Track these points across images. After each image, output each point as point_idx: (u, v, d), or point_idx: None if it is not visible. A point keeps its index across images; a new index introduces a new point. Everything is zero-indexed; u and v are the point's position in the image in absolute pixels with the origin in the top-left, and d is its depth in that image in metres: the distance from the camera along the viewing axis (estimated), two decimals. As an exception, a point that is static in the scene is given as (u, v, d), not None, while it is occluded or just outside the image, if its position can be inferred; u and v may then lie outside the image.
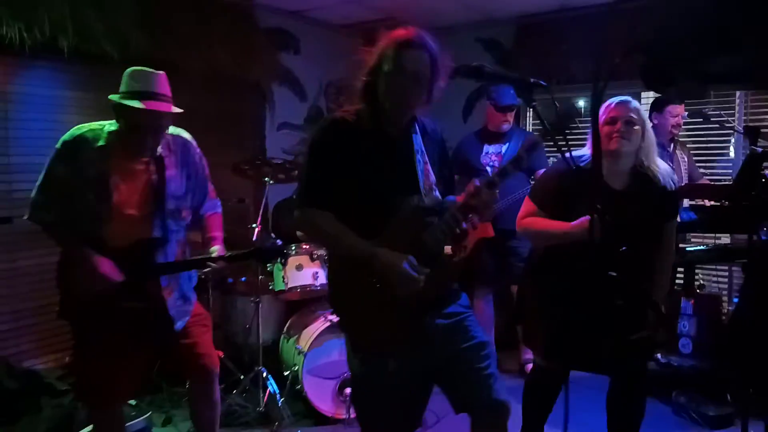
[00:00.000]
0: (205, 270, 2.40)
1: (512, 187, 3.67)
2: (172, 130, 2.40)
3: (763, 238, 2.54)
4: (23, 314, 3.36)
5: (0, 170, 3.27)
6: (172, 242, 2.39)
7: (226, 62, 4.19)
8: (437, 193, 1.93)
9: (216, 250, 2.45)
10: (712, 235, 3.98)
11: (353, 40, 5.61)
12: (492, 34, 5.27)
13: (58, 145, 2.28)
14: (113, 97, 2.25)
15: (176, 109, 2.28)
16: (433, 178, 1.94)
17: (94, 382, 2.34)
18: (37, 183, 2.29)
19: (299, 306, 3.84)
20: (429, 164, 1.96)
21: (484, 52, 5.25)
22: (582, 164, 2.31)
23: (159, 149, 2.33)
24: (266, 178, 3.45)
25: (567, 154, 1.84)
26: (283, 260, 3.48)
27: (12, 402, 2.97)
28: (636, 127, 2.33)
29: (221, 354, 3.11)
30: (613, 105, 2.37)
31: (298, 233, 3.13)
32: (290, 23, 4.94)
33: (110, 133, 2.29)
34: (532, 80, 1.82)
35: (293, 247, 3.53)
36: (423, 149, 1.96)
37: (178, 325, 2.39)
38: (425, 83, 1.88)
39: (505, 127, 4.02)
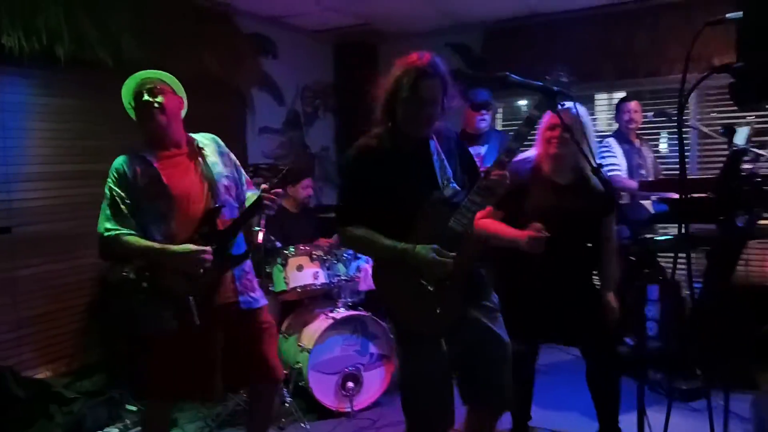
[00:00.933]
0: (262, 209, 2.51)
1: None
2: (199, 135, 2.59)
3: (740, 225, 2.83)
4: (24, 323, 3.36)
5: (-1, 180, 3.26)
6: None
7: (213, 67, 4.26)
8: (454, 185, 2.13)
9: (254, 194, 2.60)
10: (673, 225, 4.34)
11: (328, 45, 5.75)
12: (462, 38, 5.49)
13: (109, 177, 2.45)
14: (125, 100, 2.50)
15: (165, 74, 2.50)
16: (449, 172, 2.15)
17: (160, 374, 2.45)
18: (101, 217, 2.43)
19: (293, 306, 3.96)
20: (446, 161, 2.16)
21: (453, 56, 5.45)
22: (528, 165, 2.65)
23: (197, 142, 2.52)
24: (263, 183, 3.54)
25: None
26: (283, 261, 3.59)
27: (21, 410, 2.99)
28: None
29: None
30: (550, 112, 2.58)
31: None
32: (268, 28, 5.03)
33: (144, 144, 2.50)
34: (556, 89, 2.01)
35: (292, 249, 3.64)
36: (439, 149, 2.17)
37: (242, 299, 2.49)
38: (438, 106, 2.11)
39: (483, 125, 4.22)
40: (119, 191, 2.41)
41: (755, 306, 3.85)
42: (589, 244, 2.81)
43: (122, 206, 2.40)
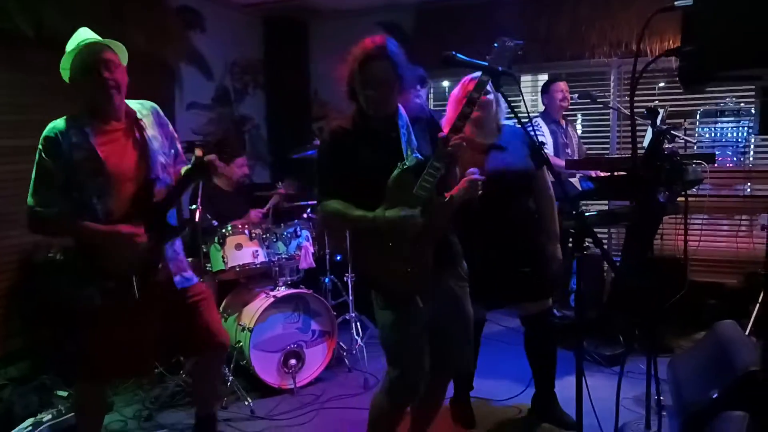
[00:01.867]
0: (198, 176, 2.48)
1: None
2: (137, 102, 2.48)
3: (661, 200, 3.05)
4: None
5: None
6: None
7: (139, 40, 4.07)
8: (417, 155, 2.20)
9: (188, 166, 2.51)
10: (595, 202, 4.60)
11: (258, 20, 5.62)
12: (393, 18, 5.51)
13: (39, 145, 2.31)
14: (64, 65, 2.34)
15: (116, 44, 2.37)
16: (415, 143, 2.23)
17: (93, 355, 2.39)
18: (30, 188, 2.31)
19: (230, 286, 3.91)
20: (413, 134, 2.24)
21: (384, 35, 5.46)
22: None
23: (136, 113, 2.42)
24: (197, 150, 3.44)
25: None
26: (221, 240, 3.53)
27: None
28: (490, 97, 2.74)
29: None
30: (467, 81, 2.72)
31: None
32: (196, 1, 4.86)
33: (81, 115, 2.35)
34: (500, 69, 2.08)
35: (229, 227, 3.58)
36: (408, 124, 2.25)
37: (177, 279, 2.45)
38: (393, 85, 2.17)
39: (417, 101, 4.29)
40: (50, 162, 2.28)
41: (669, 277, 4.17)
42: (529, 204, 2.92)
43: (51, 180, 2.29)
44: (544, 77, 5.16)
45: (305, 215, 4.00)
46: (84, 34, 2.36)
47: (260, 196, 4.21)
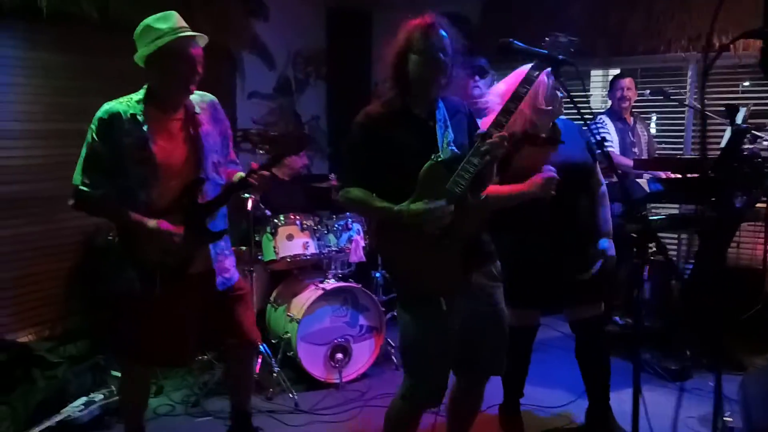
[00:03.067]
0: (247, 189, 2.47)
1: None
2: (197, 94, 2.42)
3: (738, 206, 2.81)
4: (5, 285, 3.27)
5: (-23, 137, 3.12)
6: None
7: (204, 29, 4.07)
8: (453, 148, 2.10)
9: (241, 174, 2.49)
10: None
11: (321, 10, 5.60)
12: (458, 9, 5.37)
13: (92, 125, 2.30)
14: (149, 48, 2.26)
15: (203, 37, 2.36)
16: (452, 136, 2.12)
17: (134, 338, 2.43)
18: (78, 166, 2.32)
19: (282, 276, 3.90)
20: (450, 128, 2.14)
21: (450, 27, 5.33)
22: None
23: (191, 105, 2.39)
24: (260, 150, 3.44)
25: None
26: (273, 230, 3.52)
27: (3, 374, 2.91)
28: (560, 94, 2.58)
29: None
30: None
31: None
32: (260, -10, 4.88)
33: (139, 100, 2.33)
34: (560, 57, 1.95)
35: (282, 218, 3.57)
36: (446, 117, 2.15)
37: (219, 281, 2.44)
38: (447, 65, 2.07)
39: (477, 92, 4.12)
40: (100, 144, 2.28)
41: (744, 289, 3.88)
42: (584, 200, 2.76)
43: (99, 161, 2.28)
44: (616, 72, 4.91)
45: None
46: (177, 20, 2.31)
47: (316, 187, 4.18)
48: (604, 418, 2.87)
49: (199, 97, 2.44)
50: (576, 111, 1.99)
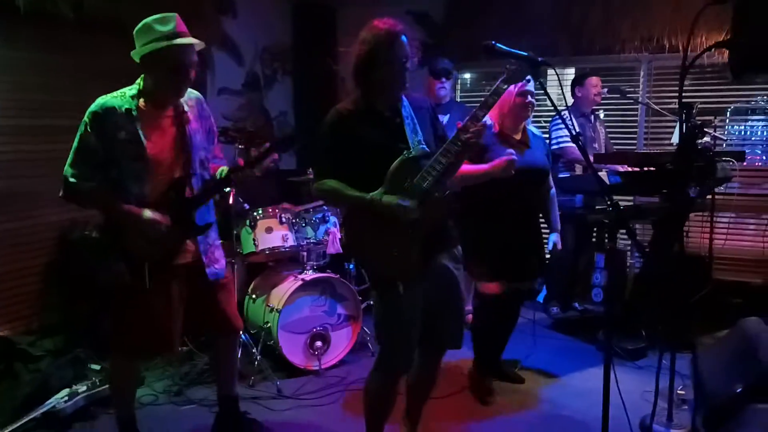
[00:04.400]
0: (229, 187, 2.59)
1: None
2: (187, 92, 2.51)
3: (692, 195, 3.06)
4: (-20, 282, 3.26)
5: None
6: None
7: (175, 25, 4.13)
8: (423, 146, 2.27)
9: (226, 168, 2.59)
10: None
11: (287, 6, 5.67)
12: (423, 7, 5.52)
13: (85, 118, 2.35)
14: (145, 48, 2.31)
15: (200, 43, 2.45)
16: (420, 135, 2.29)
17: (120, 331, 2.50)
18: (69, 158, 2.37)
19: (258, 269, 3.99)
20: (418, 125, 2.31)
21: (414, 24, 5.47)
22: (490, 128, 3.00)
23: (183, 105, 2.47)
24: (238, 144, 3.52)
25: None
26: (252, 223, 3.60)
27: (-15, 369, 2.92)
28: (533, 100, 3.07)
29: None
30: (523, 83, 2.99)
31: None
32: (228, -14, 4.92)
33: (133, 96, 2.39)
34: (540, 59, 2.12)
35: (260, 211, 3.66)
36: (412, 115, 2.33)
37: (209, 272, 2.52)
38: (408, 69, 2.26)
39: (442, 93, 4.30)
40: (93, 137, 2.34)
41: (693, 274, 4.17)
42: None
43: (91, 154, 2.35)
44: (570, 71, 5.16)
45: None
46: (176, 26, 2.36)
47: (293, 181, 4.27)
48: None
49: (186, 95, 2.51)
50: (553, 107, 2.16)
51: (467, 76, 5.81)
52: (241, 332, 2.80)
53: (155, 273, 2.41)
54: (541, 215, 3.34)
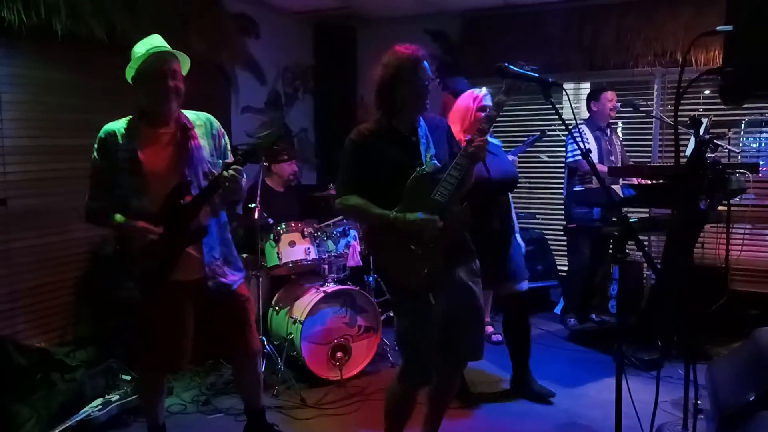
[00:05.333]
0: (223, 186, 2.49)
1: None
2: (193, 113, 2.65)
3: (702, 207, 3.13)
4: (19, 294, 3.41)
5: (-6, 152, 3.27)
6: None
7: (200, 47, 4.30)
8: (435, 162, 2.39)
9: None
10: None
11: (308, 26, 5.84)
12: (440, 26, 5.65)
13: (95, 144, 2.53)
14: (130, 70, 2.51)
15: (183, 55, 2.55)
16: (433, 151, 2.41)
17: (146, 347, 2.59)
18: (88, 183, 2.55)
19: (281, 281, 4.11)
20: (432, 143, 2.43)
21: (431, 43, 5.61)
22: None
23: (184, 121, 2.56)
24: (263, 161, 3.66)
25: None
26: (276, 237, 3.73)
27: (24, 378, 3.06)
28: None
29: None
30: (482, 96, 3.27)
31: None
32: (251, 8, 5.09)
33: (131, 118, 2.56)
34: (551, 80, 2.22)
35: (283, 225, 3.78)
36: (427, 134, 2.45)
37: (210, 284, 2.55)
38: (429, 92, 2.42)
39: None
40: (99, 161, 2.51)
41: (708, 285, 4.21)
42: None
43: (100, 176, 2.52)
44: (586, 86, 5.25)
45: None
46: (156, 41, 2.53)
47: (314, 197, 4.40)
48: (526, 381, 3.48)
49: (195, 116, 2.65)
50: (561, 123, 2.27)
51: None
52: (259, 352, 2.83)
53: (150, 285, 2.48)
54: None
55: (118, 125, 2.53)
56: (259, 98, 5.32)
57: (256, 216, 3.54)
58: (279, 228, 3.76)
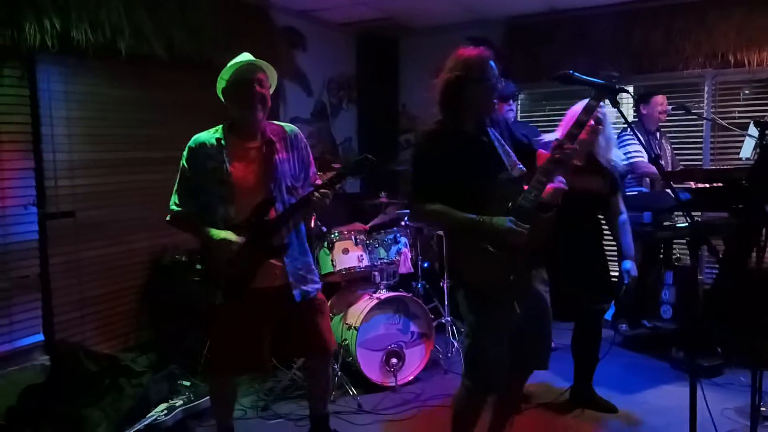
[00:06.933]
0: (312, 207, 2.66)
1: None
2: (281, 124, 2.78)
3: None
4: (88, 302, 3.55)
5: (64, 167, 3.41)
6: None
7: (252, 60, 4.41)
8: (521, 167, 2.36)
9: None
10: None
11: (352, 38, 5.94)
12: (483, 33, 5.65)
13: (184, 153, 2.65)
14: (221, 83, 2.63)
15: (271, 68, 2.68)
16: (514, 157, 2.39)
17: (222, 351, 2.67)
18: (174, 189, 2.66)
19: (334, 289, 4.16)
20: (507, 146, 2.40)
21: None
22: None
23: (269, 135, 2.66)
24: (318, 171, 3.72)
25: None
26: (329, 245, 3.79)
27: (94, 383, 3.17)
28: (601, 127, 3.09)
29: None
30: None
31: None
32: (298, 21, 5.20)
33: (222, 128, 2.67)
34: (617, 86, 2.21)
35: (336, 233, 3.85)
36: (498, 137, 2.41)
37: (296, 293, 2.65)
38: (497, 89, 2.39)
39: (510, 115, 4.42)
40: (187, 169, 2.63)
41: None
42: (600, 217, 3.36)
43: (186, 183, 2.64)
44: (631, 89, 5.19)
45: (403, 223, 4.22)
46: (245, 56, 2.65)
47: (367, 204, 4.46)
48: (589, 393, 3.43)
49: (280, 128, 2.75)
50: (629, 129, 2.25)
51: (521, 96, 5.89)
52: (333, 352, 2.90)
53: (237, 294, 2.58)
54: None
55: (208, 136, 2.65)
56: (306, 109, 5.42)
57: (312, 225, 3.60)
58: (332, 236, 3.83)
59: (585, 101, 2.96)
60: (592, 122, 2.97)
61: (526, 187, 2.27)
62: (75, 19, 3.17)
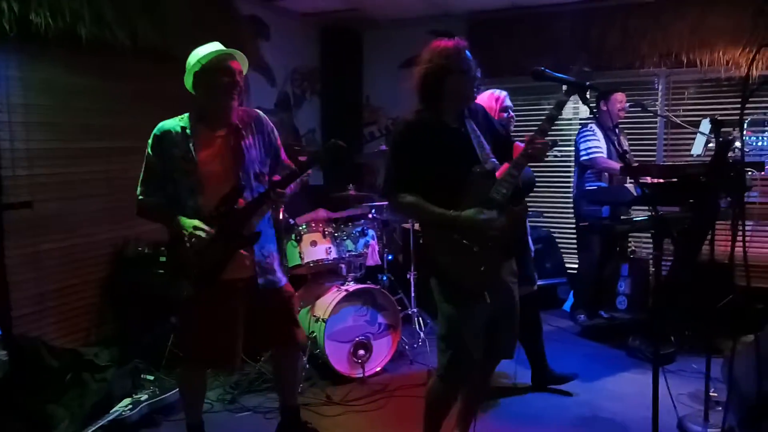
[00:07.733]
0: (274, 200, 2.61)
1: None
2: (243, 109, 2.70)
3: (723, 206, 3.22)
4: (46, 297, 3.44)
5: (20, 155, 3.28)
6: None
7: (217, 50, 4.34)
8: (494, 160, 2.40)
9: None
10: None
11: (315, 29, 5.90)
12: (445, 27, 5.70)
13: (149, 141, 2.58)
14: (193, 68, 2.55)
15: (244, 57, 2.62)
16: (488, 149, 2.42)
17: (195, 344, 2.65)
18: (139, 179, 2.60)
19: (300, 281, 4.16)
20: (482, 138, 2.43)
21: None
22: None
23: (235, 120, 2.61)
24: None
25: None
26: (297, 237, 3.78)
27: (56, 378, 3.09)
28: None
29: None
30: (503, 96, 3.36)
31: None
32: (261, 11, 5.14)
33: (188, 117, 2.62)
34: (588, 83, 2.28)
35: (304, 226, 3.84)
36: (475, 128, 2.44)
37: (261, 280, 2.63)
38: (475, 78, 2.41)
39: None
40: (153, 157, 2.58)
41: (717, 281, 4.30)
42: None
43: (153, 173, 2.59)
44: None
45: (370, 215, 4.24)
46: (217, 45, 2.60)
47: (333, 197, 4.46)
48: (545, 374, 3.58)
49: (244, 112, 2.70)
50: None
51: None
52: (302, 345, 2.90)
53: (202, 284, 2.54)
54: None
55: (173, 123, 2.59)
56: (270, 99, 5.37)
57: (280, 216, 3.58)
58: (301, 228, 3.82)
59: (489, 92, 3.31)
60: (510, 113, 3.30)
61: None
62: (34, 4, 3.06)
